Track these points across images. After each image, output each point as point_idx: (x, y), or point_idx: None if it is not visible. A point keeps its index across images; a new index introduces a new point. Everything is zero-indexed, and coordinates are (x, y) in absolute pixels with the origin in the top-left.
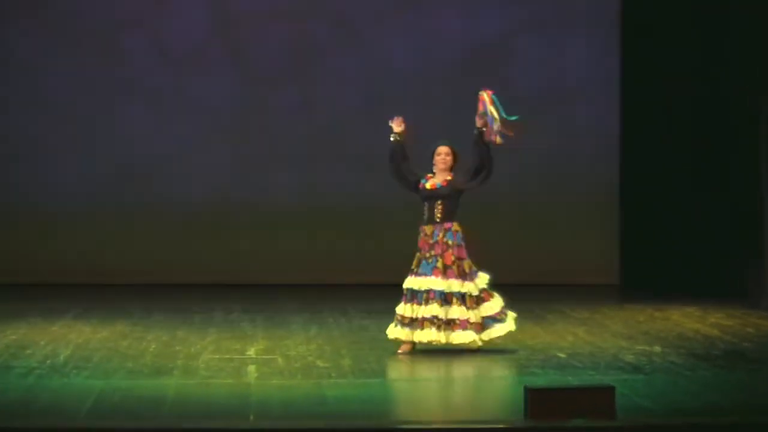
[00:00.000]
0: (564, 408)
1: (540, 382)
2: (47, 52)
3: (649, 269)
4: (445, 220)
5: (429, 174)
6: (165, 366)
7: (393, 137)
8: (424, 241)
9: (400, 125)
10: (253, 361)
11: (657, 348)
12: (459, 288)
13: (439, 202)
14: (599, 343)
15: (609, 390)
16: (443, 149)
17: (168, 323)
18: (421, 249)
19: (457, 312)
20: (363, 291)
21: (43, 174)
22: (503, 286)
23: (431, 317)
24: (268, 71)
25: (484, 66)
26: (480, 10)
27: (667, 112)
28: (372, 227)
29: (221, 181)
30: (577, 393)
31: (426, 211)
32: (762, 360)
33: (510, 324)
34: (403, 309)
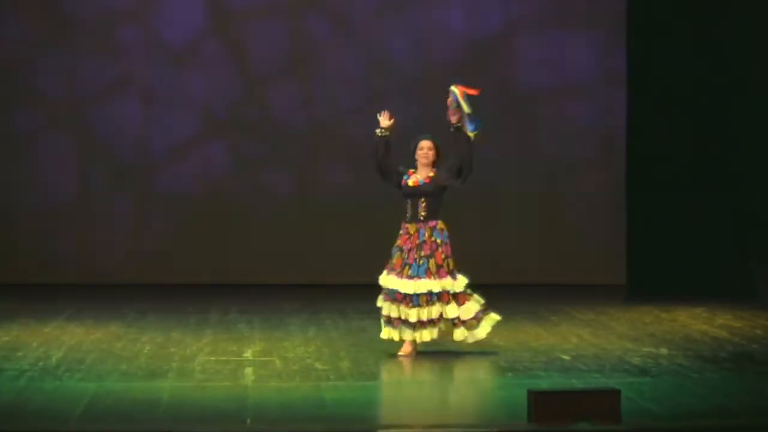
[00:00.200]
0: (568, 411)
1: (544, 385)
2: (40, 46)
3: (656, 269)
4: (430, 218)
5: (411, 169)
6: (160, 368)
7: (380, 132)
8: (406, 240)
9: (388, 119)
10: (250, 364)
11: (663, 350)
12: (452, 287)
13: (423, 199)
14: (604, 345)
15: (614, 393)
16: (425, 143)
17: (163, 324)
18: (403, 247)
19: (455, 310)
20: (362, 292)
21: (34, 171)
22: (506, 286)
23: (438, 317)
24: (265, 67)
25: (484, 64)
26: (481, 6)
27: (674, 110)
28: (372, 226)
29: (217, 179)
30: (582, 396)
31: (409, 209)
32: None
33: (484, 329)
34: (389, 309)
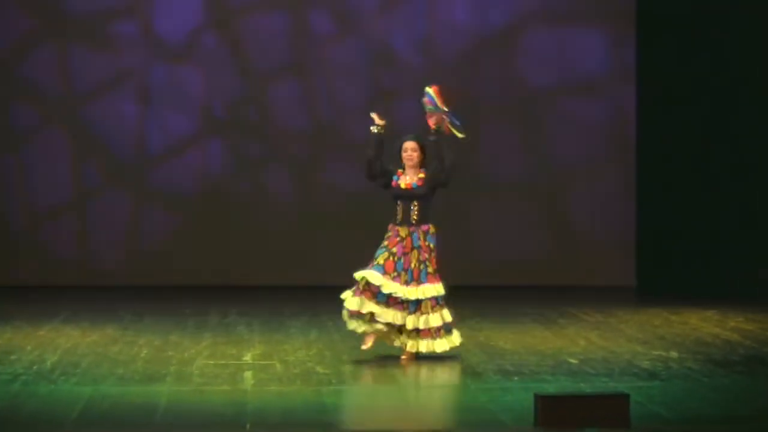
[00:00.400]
0: (576, 416)
1: (551, 389)
2: (35, 41)
3: (667, 271)
4: (422, 221)
5: (399, 170)
6: (157, 372)
7: (376, 129)
8: (397, 243)
9: (382, 118)
10: (250, 367)
11: (674, 353)
12: (444, 291)
13: (415, 202)
14: (613, 348)
15: (623, 397)
16: (409, 145)
17: (160, 327)
18: (394, 251)
19: (448, 315)
20: None
21: (28, 169)
22: (513, 287)
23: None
24: (265, 64)
25: (491, 59)
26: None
27: (686, 107)
28: (374, 227)
29: (217, 179)
30: (590, 400)
31: (400, 212)
32: None
33: (443, 345)
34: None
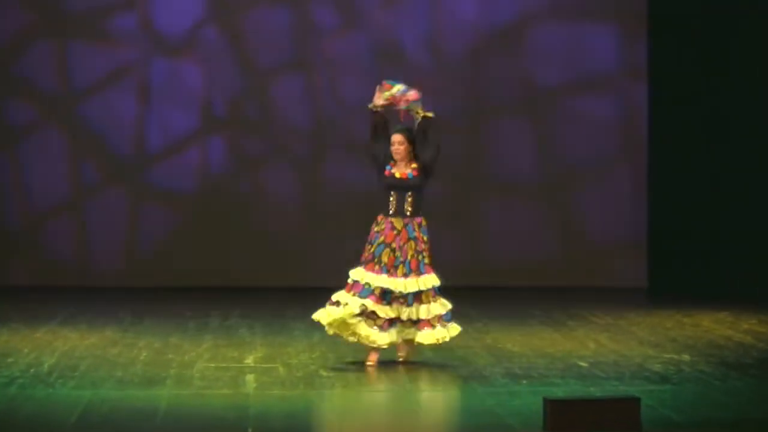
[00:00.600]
0: (586, 420)
1: (560, 392)
2: (31, 36)
3: (678, 272)
4: (415, 213)
5: (392, 161)
6: (157, 375)
7: (372, 107)
8: (394, 236)
9: (383, 99)
10: (252, 370)
11: (686, 356)
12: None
13: (410, 193)
14: (624, 351)
15: (634, 401)
16: (396, 138)
17: (160, 329)
18: (392, 244)
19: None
20: None
21: (25, 168)
22: (521, 289)
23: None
24: (267, 58)
25: (499, 55)
26: None
27: (698, 104)
28: None
29: (217, 177)
30: (600, 405)
31: (394, 202)
32: None
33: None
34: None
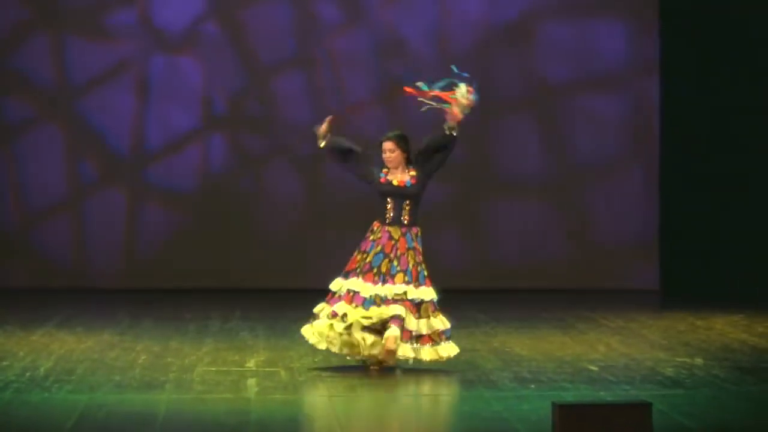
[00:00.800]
0: (595, 426)
1: (569, 397)
2: (28, 31)
3: (691, 273)
4: (412, 223)
5: (385, 168)
6: (156, 379)
7: (320, 143)
8: (392, 246)
9: (322, 128)
10: (253, 374)
11: (699, 360)
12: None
13: (408, 201)
14: (635, 355)
15: (645, 406)
16: (387, 146)
17: (159, 332)
18: (389, 254)
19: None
20: None
21: (21, 166)
22: (530, 291)
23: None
24: (269, 54)
25: (506, 50)
26: None
27: (711, 101)
28: None
29: (218, 176)
30: (611, 409)
31: (392, 210)
32: None
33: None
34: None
